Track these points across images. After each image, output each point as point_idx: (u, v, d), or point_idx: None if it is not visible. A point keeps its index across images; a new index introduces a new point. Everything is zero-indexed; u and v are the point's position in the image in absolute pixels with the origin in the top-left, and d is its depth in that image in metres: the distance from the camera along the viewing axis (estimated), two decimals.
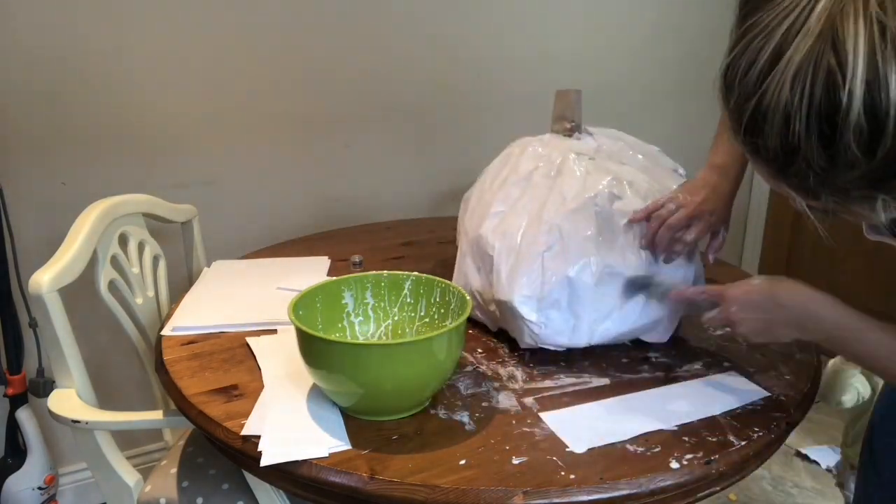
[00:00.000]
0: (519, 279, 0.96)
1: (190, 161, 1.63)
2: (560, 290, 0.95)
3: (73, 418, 0.97)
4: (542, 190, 1.03)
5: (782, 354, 1.00)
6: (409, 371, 0.78)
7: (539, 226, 0.98)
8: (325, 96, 1.75)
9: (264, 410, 0.84)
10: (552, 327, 0.95)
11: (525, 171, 1.06)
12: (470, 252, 1.07)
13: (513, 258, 0.99)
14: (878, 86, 0.50)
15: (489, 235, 1.02)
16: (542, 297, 0.95)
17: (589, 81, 2.16)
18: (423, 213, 1.96)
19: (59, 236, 1.05)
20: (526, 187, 1.05)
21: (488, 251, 1.01)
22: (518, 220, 1.01)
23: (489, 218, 1.04)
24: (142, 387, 1.65)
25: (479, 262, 1.04)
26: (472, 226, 1.07)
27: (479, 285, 1.04)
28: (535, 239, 0.98)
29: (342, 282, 0.94)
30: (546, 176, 1.04)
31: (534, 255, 0.96)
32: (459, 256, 1.11)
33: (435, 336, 0.78)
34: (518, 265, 0.97)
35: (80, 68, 1.46)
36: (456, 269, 1.12)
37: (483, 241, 1.03)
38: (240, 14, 1.60)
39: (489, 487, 0.71)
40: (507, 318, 0.99)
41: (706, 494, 0.77)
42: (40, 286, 0.94)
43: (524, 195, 1.04)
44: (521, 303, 0.95)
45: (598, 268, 0.95)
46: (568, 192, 1.00)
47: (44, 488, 1.48)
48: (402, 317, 0.97)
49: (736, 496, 1.78)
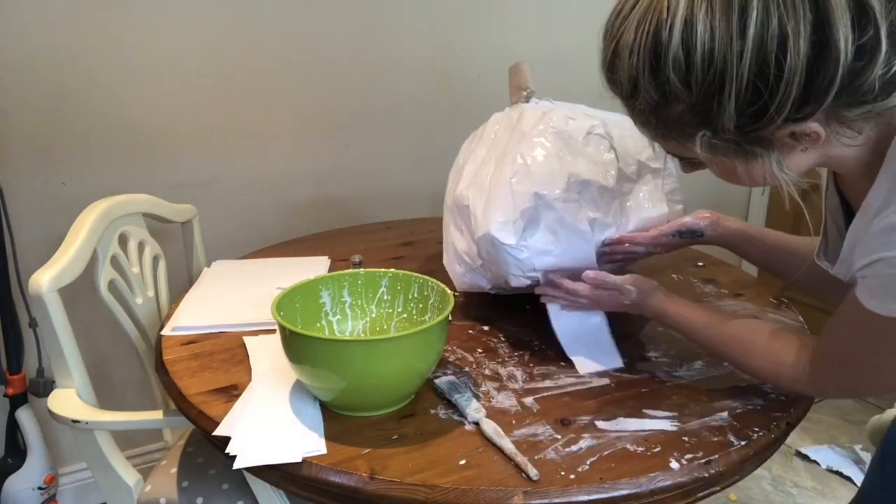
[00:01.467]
0: (492, 210, 0.97)
1: (190, 161, 1.63)
2: (533, 208, 0.95)
3: (73, 418, 0.97)
4: (504, 138, 1.06)
5: None
6: (394, 367, 0.78)
7: (503, 161, 1.00)
8: (325, 96, 1.75)
9: (241, 410, 0.83)
10: (535, 248, 0.95)
11: (489, 133, 1.11)
12: (451, 218, 1.09)
13: (485, 196, 1.00)
14: (692, 24, 0.60)
15: (464, 191, 1.05)
16: (517, 218, 0.95)
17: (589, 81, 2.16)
18: (423, 213, 1.96)
19: (59, 236, 1.05)
20: (492, 144, 1.09)
21: (465, 203, 1.03)
22: (486, 169, 1.04)
23: (462, 179, 1.07)
24: (142, 387, 1.65)
25: (461, 222, 1.06)
26: (448, 198, 1.11)
27: (464, 245, 1.05)
28: (501, 171, 0.99)
29: (319, 281, 0.94)
30: (507, 129, 1.08)
31: (502, 184, 0.97)
32: (444, 232, 1.13)
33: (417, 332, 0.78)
34: (490, 199, 0.98)
35: (80, 68, 1.46)
36: (444, 246, 1.13)
37: (459, 198, 1.05)
38: (240, 14, 1.60)
39: (489, 487, 0.71)
40: (493, 259, 0.99)
41: (706, 494, 0.77)
42: (40, 286, 0.94)
43: (490, 150, 1.08)
44: (498, 230, 0.95)
45: (565, 180, 0.96)
46: (527, 126, 1.03)
47: (44, 488, 1.48)
48: (379, 313, 0.97)
49: (736, 496, 1.78)
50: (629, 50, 0.65)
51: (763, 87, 0.59)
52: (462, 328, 1.08)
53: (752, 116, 0.62)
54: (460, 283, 1.09)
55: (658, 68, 0.63)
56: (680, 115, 0.66)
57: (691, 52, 0.61)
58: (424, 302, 0.93)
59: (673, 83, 0.63)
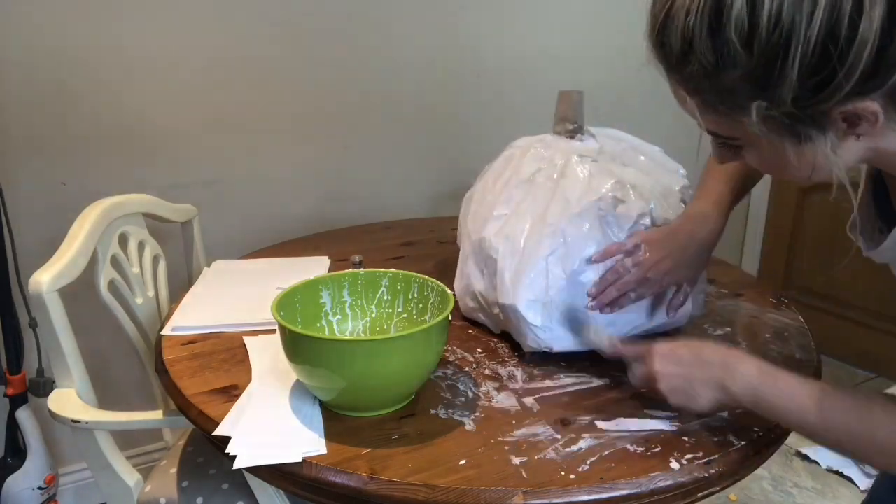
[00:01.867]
0: (523, 283, 0.96)
1: (190, 161, 1.63)
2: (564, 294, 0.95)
3: (73, 418, 0.97)
4: (545, 192, 1.02)
5: (783, 356, 1.00)
6: (394, 367, 0.78)
7: (543, 229, 0.98)
8: (325, 96, 1.75)
9: (241, 410, 0.83)
10: (557, 331, 0.95)
11: (528, 172, 1.06)
12: (473, 255, 1.07)
13: (516, 261, 0.98)
14: None
15: (492, 238, 1.02)
16: (547, 301, 0.95)
17: (590, 81, 2.16)
18: (423, 213, 1.96)
19: (59, 236, 1.05)
20: (528, 189, 1.04)
21: (492, 254, 1.01)
22: (521, 223, 1.01)
23: (492, 220, 1.04)
24: (142, 387, 1.65)
25: (483, 265, 1.04)
26: (475, 228, 1.07)
27: (482, 288, 1.04)
28: (539, 242, 0.97)
29: (319, 281, 0.94)
30: (549, 178, 1.04)
31: (538, 258, 0.96)
32: (461, 258, 1.11)
33: (418, 331, 0.78)
34: (522, 269, 0.97)
35: (80, 68, 1.46)
36: (458, 271, 1.12)
37: (486, 244, 1.02)
38: (240, 14, 1.60)
39: (489, 487, 0.71)
40: (511, 321, 0.98)
41: (706, 494, 0.77)
42: (40, 286, 0.94)
43: (527, 197, 1.04)
44: (527, 307, 0.95)
45: (602, 272, 0.95)
46: (571, 195, 0.99)
47: (44, 488, 1.47)
48: (379, 313, 0.97)
49: (736, 496, 1.78)
50: (686, 10, 0.60)
51: (832, 52, 0.55)
52: (462, 328, 1.08)
53: (814, 88, 0.58)
54: (466, 313, 1.10)
55: (717, 29, 0.58)
56: (735, 82, 0.61)
57: (757, 11, 0.56)
58: (424, 302, 0.93)
59: (732, 45, 0.58)
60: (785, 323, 1.11)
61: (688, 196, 1.08)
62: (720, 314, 1.13)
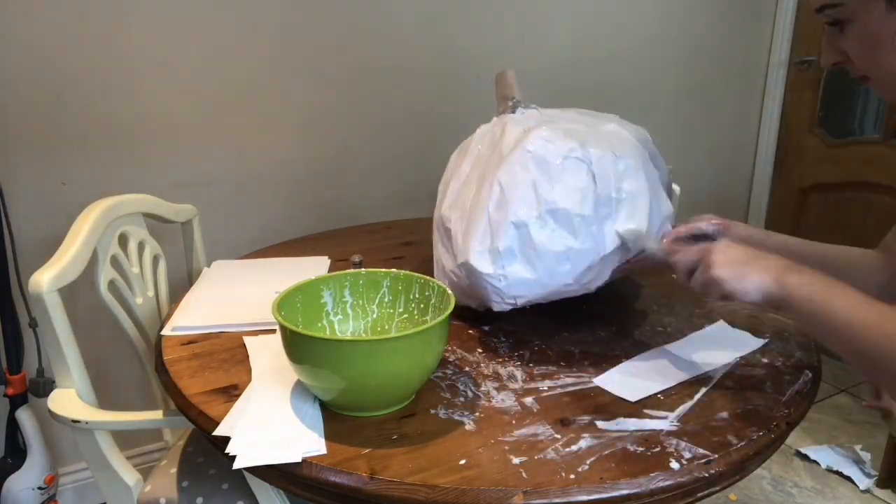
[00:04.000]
0: (471, 237, 0.97)
1: (190, 161, 1.63)
2: (509, 237, 0.95)
3: (73, 418, 0.97)
4: (486, 157, 1.06)
5: (783, 354, 1.00)
6: (394, 367, 0.78)
7: (483, 185, 1.00)
8: (325, 96, 1.75)
9: (241, 410, 0.83)
10: (513, 278, 0.96)
11: (474, 148, 1.11)
12: (438, 238, 1.10)
13: (465, 221, 1.01)
14: None
15: (446, 212, 1.06)
16: (494, 247, 0.96)
17: (590, 81, 2.17)
18: (424, 213, 1.95)
19: (59, 236, 1.05)
20: (474, 162, 1.09)
21: (448, 225, 1.04)
22: (468, 189, 1.04)
23: (447, 197, 1.08)
24: (142, 387, 1.65)
25: (446, 240, 1.06)
26: (436, 214, 1.12)
27: (450, 264, 1.05)
28: (479, 196, 1.00)
29: (321, 281, 0.94)
30: (489, 145, 1.08)
31: (480, 210, 0.98)
32: (434, 248, 1.14)
33: (418, 332, 0.78)
34: (469, 225, 0.99)
35: (80, 68, 1.46)
36: (434, 261, 1.14)
37: (443, 219, 1.06)
38: (240, 14, 1.60)
39: (489, 487, 0.71)
40: (473, 283, 0.99)
41: (706, 494, 0.77)
42: (40, 286, 0.94)
43: (473, 168, 1.08)
44: (476, 258, 0.96)
45: (540, 208, 0.96)
46: (506, 148, 1.02)
47: (44, 488, 1.48)
48: (381, 314, 0.97)
49: (736, 496, 1.78)
50: None
51: None
52: (462, 328, 1.08)
53: None
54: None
55: None
56: None
57: None
58: (425, 302, 0.93)
59: None
60: (785, 323, 1.11)
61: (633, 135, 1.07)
62: (720, 313, 1.13)
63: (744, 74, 2.51)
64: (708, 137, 2.49)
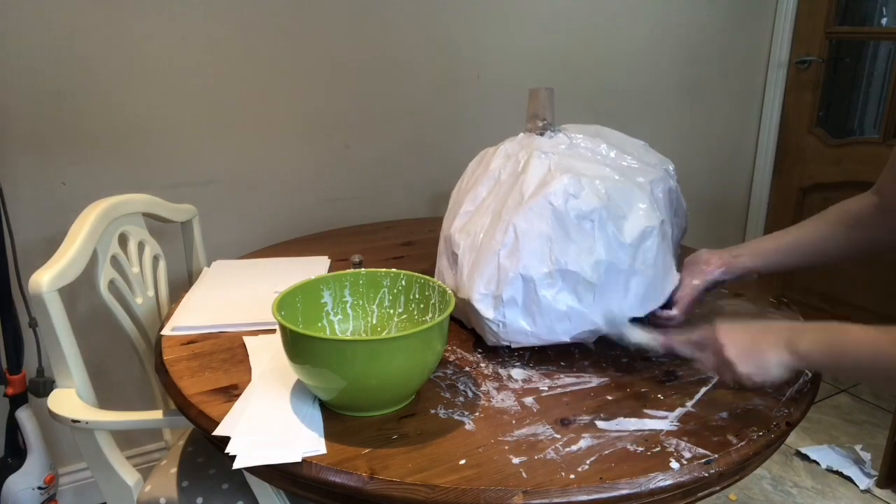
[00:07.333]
0: (477, 277, 0.97)
1: (190, 161, 1.63)
2: (515, 288, 0.95)
3: (73, 418, 0.97)
4: (506, 188, 1.04)
5: None
6: (394, 367, 0.78)
7: (497, 224, 1.00)
8: (325, 96, 1.75)
9: (241, 410, 0.83)
10: (511, 326, 0.96)
11: (494, 169, 1.08)
12: (444, 251, 1.10)
13: (473, 256, 1.00)
14: None
15: (456, 235, 1.05)
16: (498, 294, 0.95)
17: (589, 81, 2.17)
18: (423, 213, 1.96)
19: (59, 236, 1.05)
20: (493, 186, 1.07)
21: (455, 250, 1.04)
22: (482, 218, 1.03)
23: (458, 217, 1.07)
24: (142, 387, 1.65)
25: (451, 260, 1.06)
26: (446, 225, 1.11)
27: (451, 283, 1.05)
28: (493, 237, 0.99)
29: (321, 281, 0.94)
30: (512, 174, 1.05)
31: (491, 253, 0.97)
32: (437, 256, 1.14)
33: (418, 332, 0.78)
34: (477, 263, 0.99)
35: (80, 68, 1.46)
36: (436, 268, 1.15)
37: (451, 241, 1.06)
38: (240, 14, 1.60)
39: (489, 487, 0.71)
40: (471, 315, 1.00)
41: (706, 494, 0.77)
42: (40, 286, 0.94)
43: (490, 194, 1.06)
44: (479, 300, 0.96)
45: (552, 266, 0.95)
46: (527, 190, 1.00)
47: (44, 488, 1.47)
48: (381, 313, 0.97)
49: (736, 496, 1.78)
50: None
51: None
52: (462, 328, 1.08)
53: None
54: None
55: None
56: None
57: None
58: (426, 302, 0.94)
59: None
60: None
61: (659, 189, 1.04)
62: (720, 314, 1.13)
63: (743, 74, 2.51)
64: (707, 137, 2.49)
